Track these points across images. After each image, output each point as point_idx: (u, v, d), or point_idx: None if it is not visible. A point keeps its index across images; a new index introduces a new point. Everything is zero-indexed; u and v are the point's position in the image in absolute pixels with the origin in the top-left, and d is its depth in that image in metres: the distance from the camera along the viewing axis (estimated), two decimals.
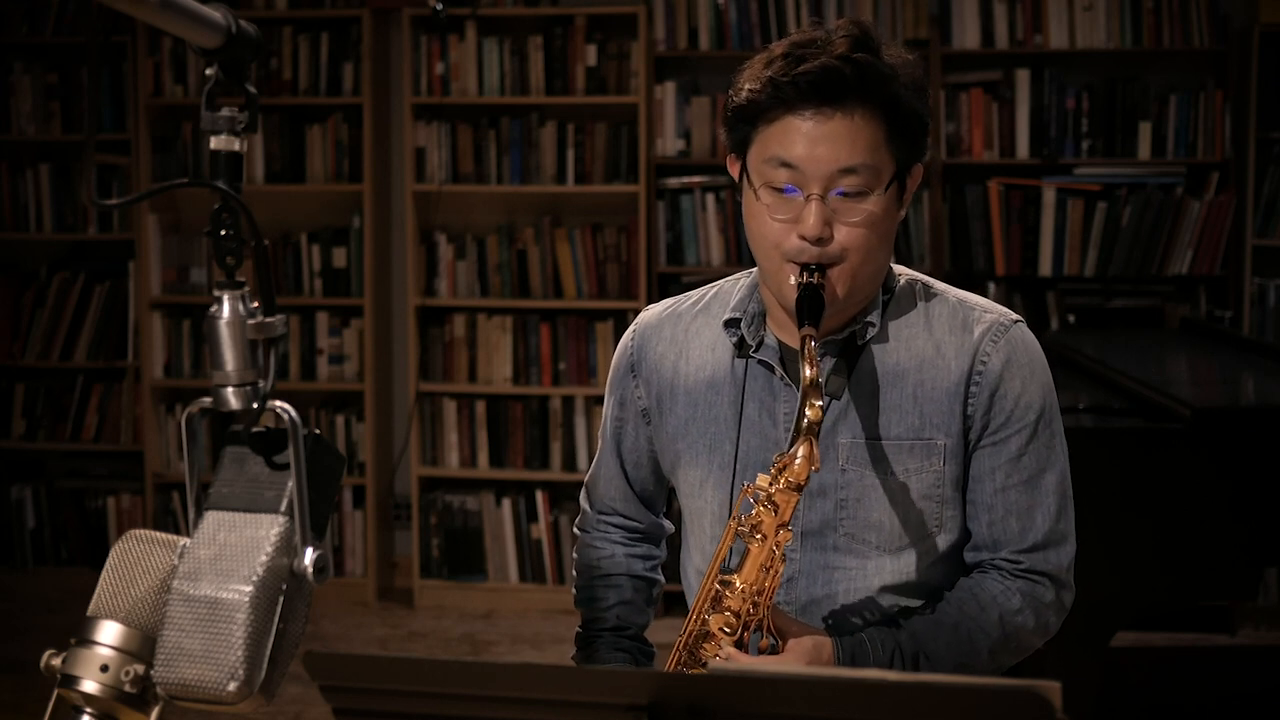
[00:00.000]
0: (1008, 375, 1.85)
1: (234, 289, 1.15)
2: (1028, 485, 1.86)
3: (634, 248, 5.39)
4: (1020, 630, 1.86)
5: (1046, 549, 1.87)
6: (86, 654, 1.16)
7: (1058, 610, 1.89)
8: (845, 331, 1.87)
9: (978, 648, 1.84)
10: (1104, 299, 5.26)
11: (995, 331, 1.87)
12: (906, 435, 1.85)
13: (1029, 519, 1.86)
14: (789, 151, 1.78)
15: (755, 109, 1.81)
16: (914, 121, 1.82)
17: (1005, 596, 1.86)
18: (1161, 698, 4.40)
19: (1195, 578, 3.13)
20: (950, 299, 1.91)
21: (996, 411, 1.85)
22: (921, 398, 1.85)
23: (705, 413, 1.94)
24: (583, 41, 5.36)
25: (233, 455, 1.17)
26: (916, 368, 1.86)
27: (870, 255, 1.81)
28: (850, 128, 1.78)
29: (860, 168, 1.78)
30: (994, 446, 1.86)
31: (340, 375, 5.59)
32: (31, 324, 5.71)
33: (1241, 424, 3.19)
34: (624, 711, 1.09)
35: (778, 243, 1.81)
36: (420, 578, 5.51)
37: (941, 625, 1.83)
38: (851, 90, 1.77)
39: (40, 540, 5.76)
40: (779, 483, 1.73)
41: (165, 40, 5.43)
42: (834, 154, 1.77)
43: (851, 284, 1.81)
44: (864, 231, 1.79)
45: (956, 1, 5.26)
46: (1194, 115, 5.20)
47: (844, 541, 1.87)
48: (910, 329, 1.88)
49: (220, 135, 1.15)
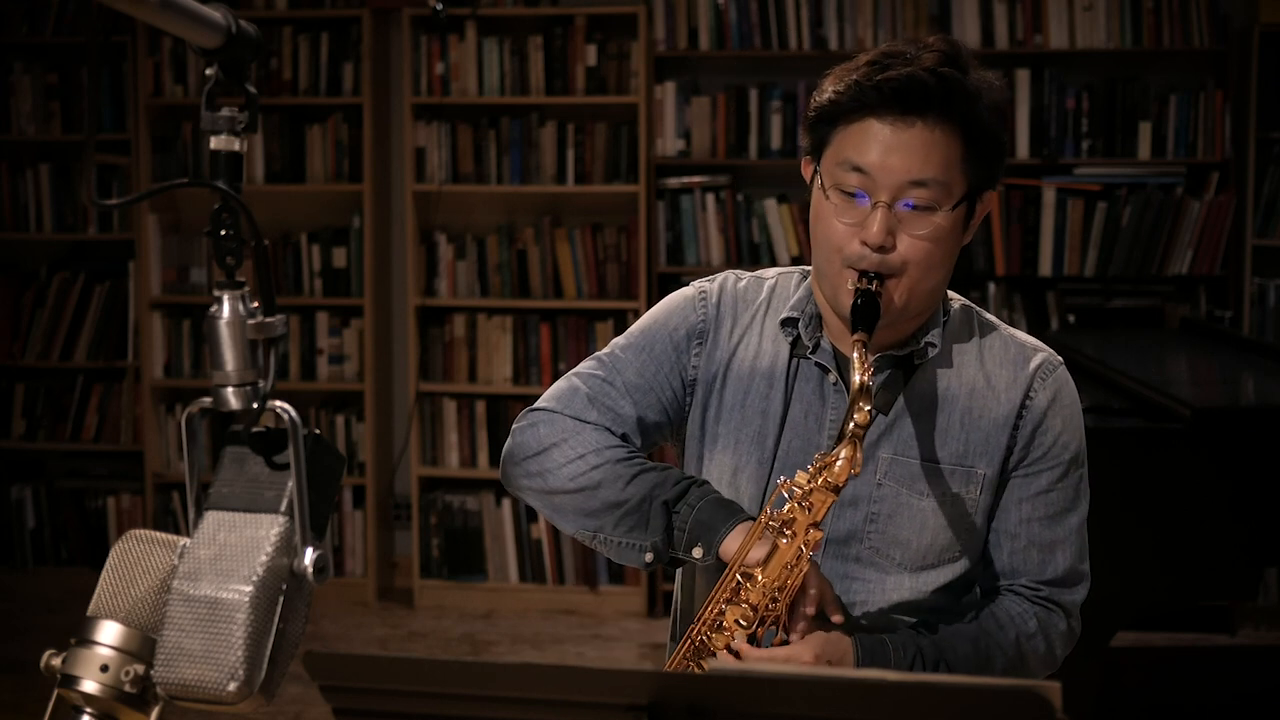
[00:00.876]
0: (1051, 413, 1.87)
1: (234, 289, 1.15)
2: (1052, 521, 1.89)
3: (634, 248, 5.39)
4: (1032, 655, 1.88)
5: (1064, 585, 1.90)
6: (86, 654, 1.16)
7: (1066, 642, 1.91)
8: (905, 349, 1.87)
9: (993, 664, 1.85)
10: (1104, 299, 5.26)
11: (1045, 370, 1.89)
12: (949, 460, 1.86)
13: (1049, 554, 1.89)
14: (863, 156, 1.78)
15: (836, 110, 1.81)
16: (992, 144, 1.82)
17: (1023, 619, 1.87)
18: (1161, 698, 4.40)
19: (1195, 578, 3.14)
20: (1003, 333, 1.93)
21: (1036, 446, 1.87)
22: (969, 425, 1.86)
23: (754, 404, 1.91)
24: (583, 41, 5.36)
25: (233, 455, 1.17)
26: (967, 394, 1.87)
27: (930, 271, 1.81)
28: (927, 140, 1.77)
29: (931, 182, 1.78)
30: (1025, 479, 1.88)
31: (340, 375, 5.59)
32: (31, 324, 5.71)
33: (1241, 424, 3.19)
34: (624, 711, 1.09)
35: (840, 246, 1.80)
36: (420, 578, 5.51)
37: (962, 636, 1.84)
38: (934, 103, 1.77)
39: (40, 540, 5.77)
40: (817, 481, 1.72)
41: (165, 40, 5.43)
42: (907, 164, 1.77)
43: (908, 298, 1.81)
44: (927, 246, 1.79)
45: (956, 1, 5.26)
46: (1194, 115, 5.20)
47: (867, 554, 1.87)
48: (963, 356, 1.89)
49: (220, 135, 1.15)
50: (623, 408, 1.92)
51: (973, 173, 1.81)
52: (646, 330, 1.96)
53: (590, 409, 1.92)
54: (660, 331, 1.95)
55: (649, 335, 1.95)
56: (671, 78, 5.42)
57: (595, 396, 1.93)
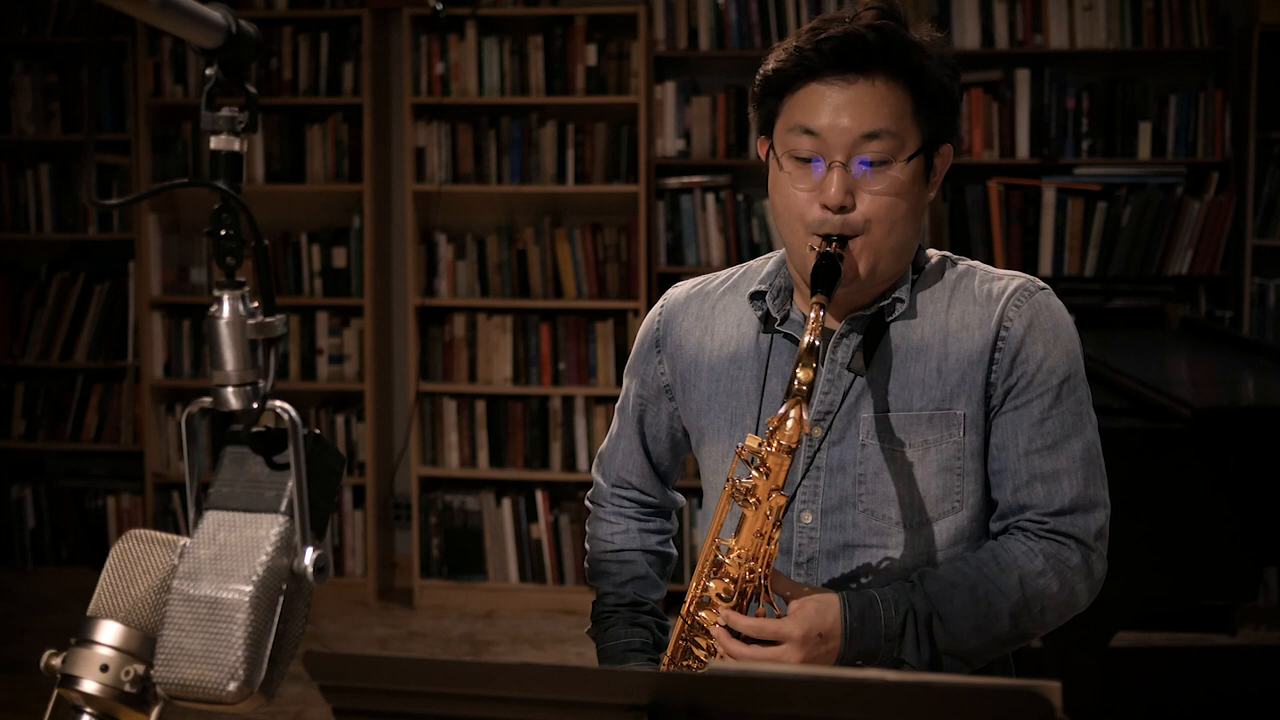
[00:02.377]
0: (1030, 339, 1.83)
1: (234, 289, 1.15)
2: (1052, 450, 1.83)
3: (634, 248, 5.39)
4: (1043, 594, 1.81)
5: (1074, 513, 1.83)
6: (86, 654, 1.16)
7: (1085, 576, 1.84)
8: (873, 307, 1.86)
9: (997, 610, 1.79)
10: (1104, 299, 5.26)
11: (1019, 296, 1.85)
12: (928, 406, 1.83)
13: (1055, 483, 1.83)
14: (812, 119, 1.79)
15: (781, 79, 1.82)
16: (941, 95, 1.82)
17: (1027, 558, 1.81)
18: (1161, 698, 4.40)
19: (1195, 578, 3.13)
20: (977, 272, 1.90)
21: (1019, 375, 1.82)
22: (946, 370, 1.84)
23: (728, 387, 1.93)
24: (583, 41, 5.36)
25: (233, 455, 1.17)
26: (941, 341, 1.85)
27: (894, 228, 1.80)
28: (873, 94, 1.78)
29: (883, 133, 1.77)
30: (1016, 411, 1.83)
31: (340, 375, 5.59)
32: (31, 324, 5.71)
33: (1241, 424, 3.18)
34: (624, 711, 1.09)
35: (801, 214, 1.80)
36: (420, 578, 5.51)
37: (958, 586, 1.79)
38: (875, 57, 1.78)
39: (40, 540, 5.77)
40: (770, 445, 1.71)
41: (165, 40, 5.43)
42: (857, 120, 1.77)
43: (874, 258, 1.80)
44: (888, 200, 1.78)
45: (956, 1, 5.27)
46: (1194, 115, 5.20)
47: (863, 519, 1.85)
48: (935, 304, 1.87)
49: (220, 135, 1.15)
50: (631, 476, 2.09)
51: (925, 125, 1.81)
52: (631, 357, 2.07)
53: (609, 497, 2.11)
54: (636, 354, 2.05)
55: (633, 361, 2.06)
56: (671, 78, 5.42)
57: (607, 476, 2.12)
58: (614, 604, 2.05)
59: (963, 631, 1.79)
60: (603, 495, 2.13)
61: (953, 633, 1.78)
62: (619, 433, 2.09)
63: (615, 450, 2.10)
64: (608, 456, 2.12)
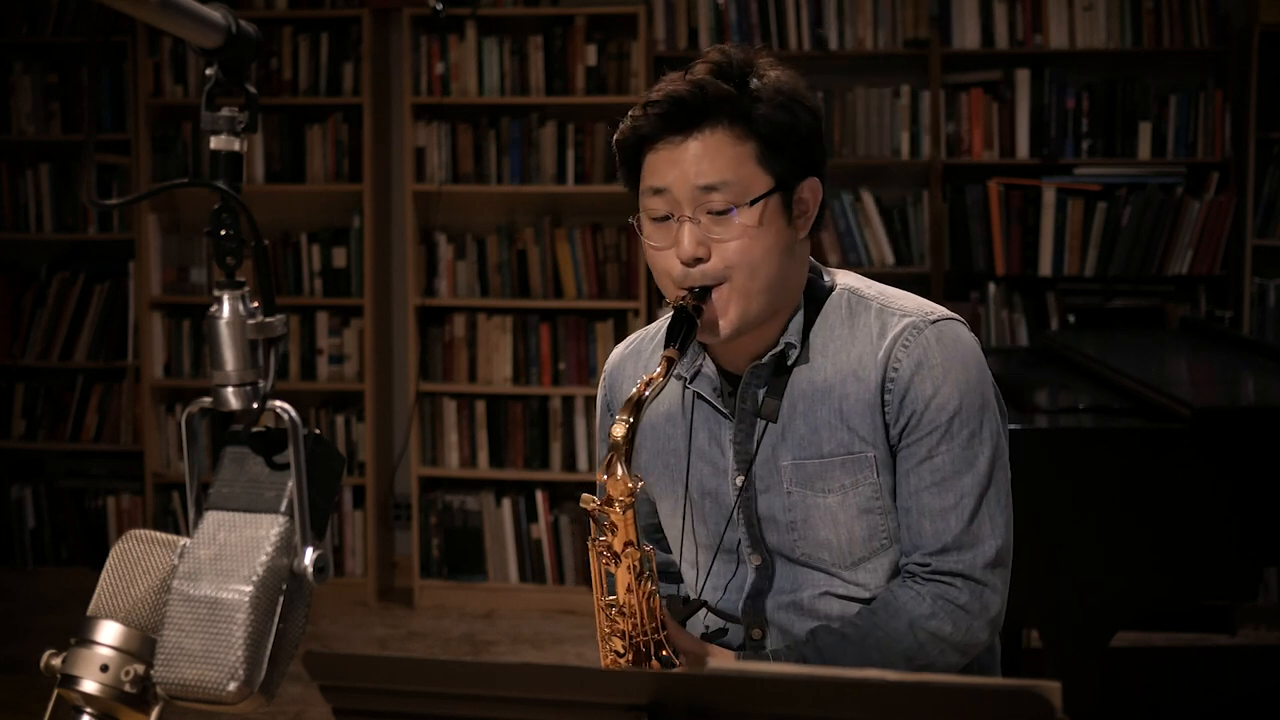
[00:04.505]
0: (918, 379, 1.83)
1: (234, 289, 1.15)
2: (940, 488, 1.83)
3: (634, 248, 5.38)
4: (936, 636, 1.82)
5: (959, 550, 1.83)
6: (86, 654, 1.16)
7: (980, 613, 1.83)
8: (766, 356, 1.88)
9: (890, 657, 1.81)
10: (1104, 299, 5.26)
11: (908, 335, 1.84)
12: (838, 451, 1.85)
13: (942, 521, 1.83)
14: (658, 179, 1.83)
15: (625, 149, 1.88)
16: (780, 135, 1.82)
17: (915, 602, 1.82)
18: (1161, 698, 4.40)
19: (1195, 578, 3.13)
20: (874, 306, 1.89)
21: (909, 415, 1.83)
22: (847, 412, 1.85)
23: (666, 445, 1.97)
24: (583, 41, 5.36)
25: (233, 455, 1.17)
26: (840, 382, 1.86)
27: (755, 271, 1.81)
28: (705, 147, 1.81)
29: (720, 184, 1.80)
30: (907, 449, 1.84)
31: (340, 375, 5.59)
32: (31, 324, 5.71)
33: (1241, 424, 3.18)
34: (624, 711, 1.09)
35: (668, 270, 1.84)
36: (420, 578, 5.51)
37: (849, 639, 1.82)
38: (698, 113, 1.82)
39: (40, 540, 5.77)
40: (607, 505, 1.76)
41: (165, 40, 5.43)
42: (695, 172, 1.81)
43: (744, 302, 1.82)
44: (740, 245, 1.81)
45: (956, 1, 5.26)
46: (1194, 115, 5.20)
47: (802, 559, 1.89)
48: (836, 343, 1.88)
49: (220, 135, 1.15)
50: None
51: (773, 167, 1.82)
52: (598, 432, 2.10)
53: None
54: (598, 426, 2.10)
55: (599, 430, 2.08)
56: None
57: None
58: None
59: None
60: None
61: None
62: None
63: None
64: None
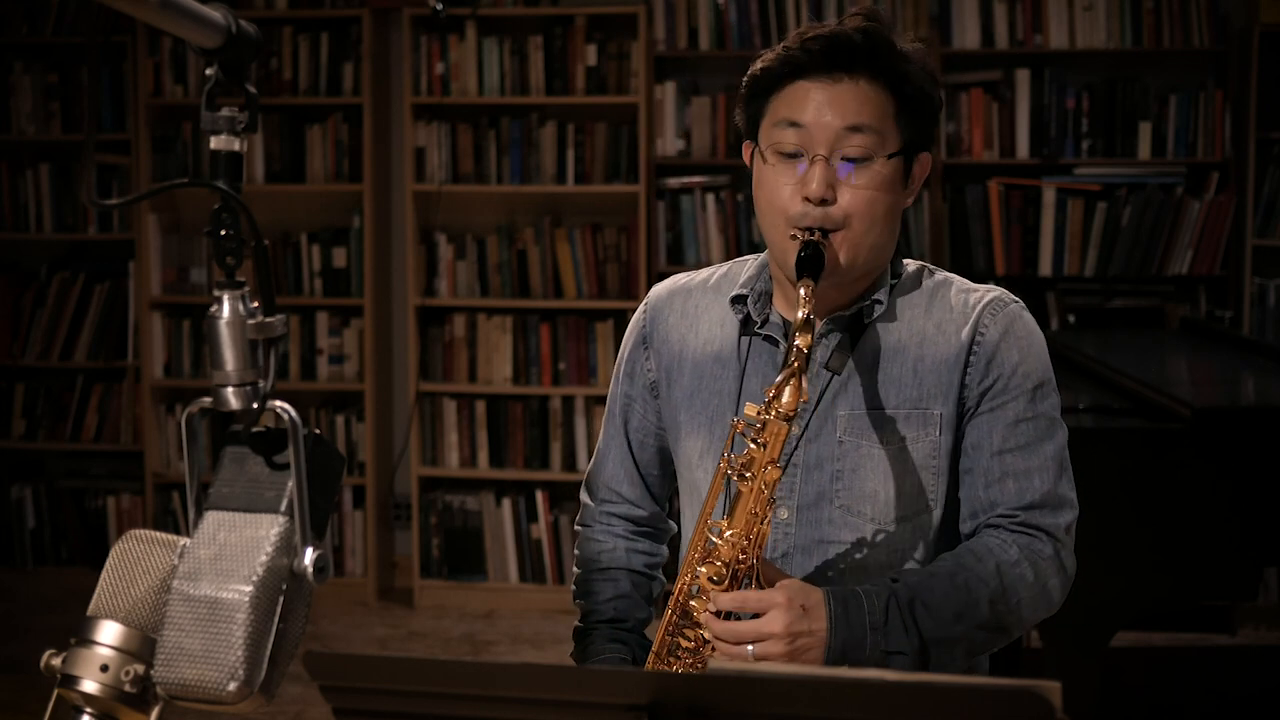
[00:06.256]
0: (1005, 345, 1.88)
1: (234, 289, 1.15)
2: (1025, 450, 1.87)
3: (634, 248, 5.39)
4: (1019, 583, 1.84)
5: (1044, 508, 1.87)
6: (86, 654, 1.16)
7: (1058, 570, 1.87)
8: (852, 308, 1.90)
9: (976, 597, 1.82)
10: (1104, 299, 5.26)
11: (994, 305, 1.90)
12: (904, 405, 1.87)
13: (1026, 480, 1.87)
14: (798, 114, 1.83)
15: (769, 78, 1.87)
16: (923, 100, 1.87)
17: (1002, 548, 1.84)
18: (1161, 698, 4.40)
19: (1195, 578, 3.13)
20: (954, 283, 1.95)
21: (995, 378, 1.87)
22: (921, 371, 1.88)
23: (710, 385, 1.96)
24: (583, 41, 5.36)
25: (233, 455, 1.17)
26: (917, 343, 1.89)
27: (873, 224, 1.84)
28: (857, 93, 1.83)
29: (865, 128, 1.82)
30: (991, 413, 1.87)
31: (340, 375, 5.59)
32: (31, 324, 5.71)
33: (1241, 424, 3.18)
34: (624, 711, 1.09)
35: (784, 208, 1.84)
36: (420, 578, 5.51)
37: (937, 575, 1.82)
38: (860, 57, 1.83)
39: (40, 540, 5.77)
40: (769, 414, 1.73)
41: (165, 40, 5.43)
42: (840, 114, 1.82)
43: (854, 252, 1.84)
44: (868, 195, 1.82)
45: (956, 1, 5.26)
46: (1194, 115, 5.20)
47: (839, 514, 1.87)
48: (913, 309, 1.92)
49: (220, 135, 1.15)
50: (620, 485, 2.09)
51: (906, 128, 1.86)
52: (619, 358, 2.09)
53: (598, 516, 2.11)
54: (624, 353, 2.08)
55: (620, 361, 2.08)
56: (671, 78, 5.42)
57: (596, 492, 2.12)
58: (594, 621, 2.04)
59: (945, 618, 1.80)
60: (590, 515, 2.13)
61: (936, 619, 1.80)
62: (606, 443, 2.11)
63: (603, 462, 2.12)
64: (595, 473, 2.13)
